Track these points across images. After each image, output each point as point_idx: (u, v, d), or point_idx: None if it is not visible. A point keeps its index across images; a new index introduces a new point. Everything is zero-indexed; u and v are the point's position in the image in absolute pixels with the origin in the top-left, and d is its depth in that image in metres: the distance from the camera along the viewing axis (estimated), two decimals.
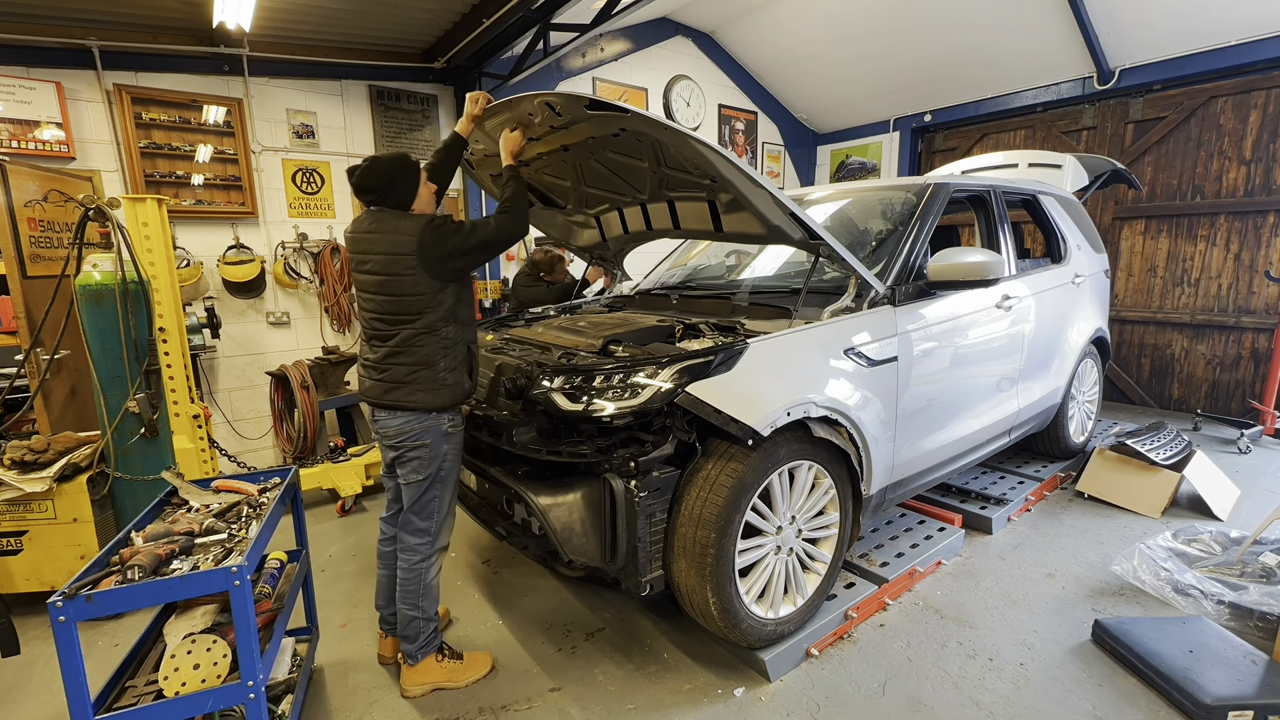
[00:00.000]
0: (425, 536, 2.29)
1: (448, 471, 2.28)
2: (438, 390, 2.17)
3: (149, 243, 3.23)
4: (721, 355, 2.15)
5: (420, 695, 2.31)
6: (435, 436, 2.21)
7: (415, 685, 2.31)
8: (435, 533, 2.31)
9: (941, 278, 2.70)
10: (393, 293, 2.11)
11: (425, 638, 2.32)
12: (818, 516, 2.44)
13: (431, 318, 2.13)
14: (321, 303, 5.30)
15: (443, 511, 2.31)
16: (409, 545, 2.29)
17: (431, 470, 2.23)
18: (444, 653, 2.38)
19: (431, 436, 2.20)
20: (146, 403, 2.95)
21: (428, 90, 5.64)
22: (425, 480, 2.23)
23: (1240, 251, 5.37)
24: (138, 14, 4.18)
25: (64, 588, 1.53)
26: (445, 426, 2.23)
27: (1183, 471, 3.62)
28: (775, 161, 8.09)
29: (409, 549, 2.29)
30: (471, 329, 2.29)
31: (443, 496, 2.29)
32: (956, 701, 2.19)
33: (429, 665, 2.33)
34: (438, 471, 2.24)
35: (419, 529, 2.29)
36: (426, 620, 2.32)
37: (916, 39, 6.18)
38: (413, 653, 2.32)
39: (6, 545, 2.83)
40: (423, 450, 2.20)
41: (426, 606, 2.31)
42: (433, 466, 2.22)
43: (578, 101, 2.22)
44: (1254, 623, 2.48)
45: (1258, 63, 4.99)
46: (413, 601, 2.29)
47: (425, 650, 2.33)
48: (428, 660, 2.33)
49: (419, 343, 2.14)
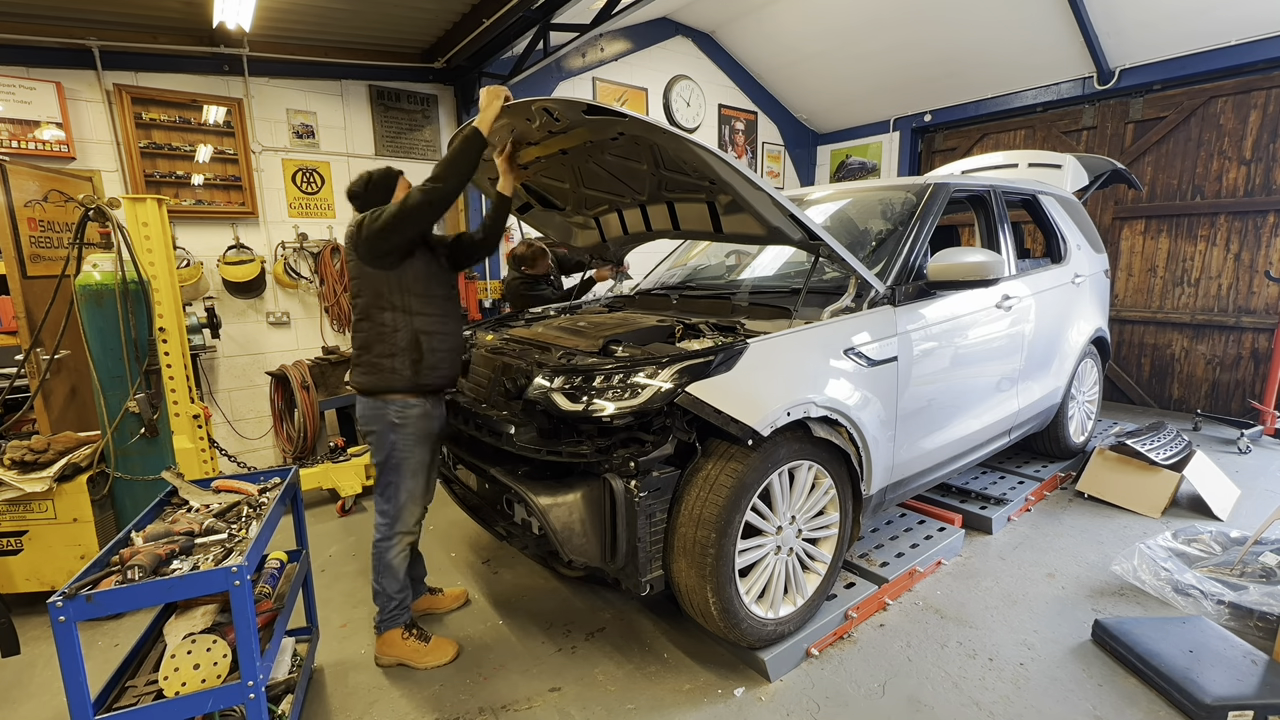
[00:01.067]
0: (385, 518, 2.40)
1: (400, 460, 2.34)
2: (376, 374, 2.27)
3: (149, 243, 3.23)
4: (721, 355, 2.15)
5: (388, 665, 2.46)
6: (381, 425, 2.30)
7: (383, 654, 2.47)
8: (394, 516, 2.39)
9: (941, 278, 2.70)
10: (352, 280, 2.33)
11: (388, 611, 2.45)
12: (818, 516, 2.44)
13: (364, 302, 2.27)
14: (321, 303, 5.30)
15: (399, 498, 2.38)
16: (376, 522, 2.42)
17: (383, 455, 2.33)
18: (411, 632, 2.48)
19: (378, 424, 2.30)
20: (146, 403, 2.95)
21: (428, 90, 5.64)
22: (379, 464, 2.35)
23: (1240, 251, 5.37)
24: (138, 14, 4.18)
25: (64, 588, 1.53)
26: (392, 416, 2.29)
27: (1183, 471, 3.62)
28: (775, 161, 8.09)
29: (376, 525, 2.42)
30: (425, 319, 2.31)
31: (398, 483, 2.36)
32: (956, 701, 2.19)
33: (393, 638, 2.45)
34: (388, 458, 2.33)
35: (381, 509, 2.41)
36: (387, 596, 2.44)
37: (917, 39, 6.18)
38: (378, 622, 2.48)
39: (6, 545, 2.83)
40: (372, 436, 2.33)
41: (387, 584, 2.42)
42: (383, 452, 2.33)
43: (575, 106, 2.21)
44: (1254, 623, 2.48)
45: (1258, 63, 4.99)
46: (376, 575, 2.44)
47: (388, 624, 2.45)
48: (393, 633, 2.45)
49: (360, 328, 2.29)
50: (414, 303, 2.29)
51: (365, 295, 2.28)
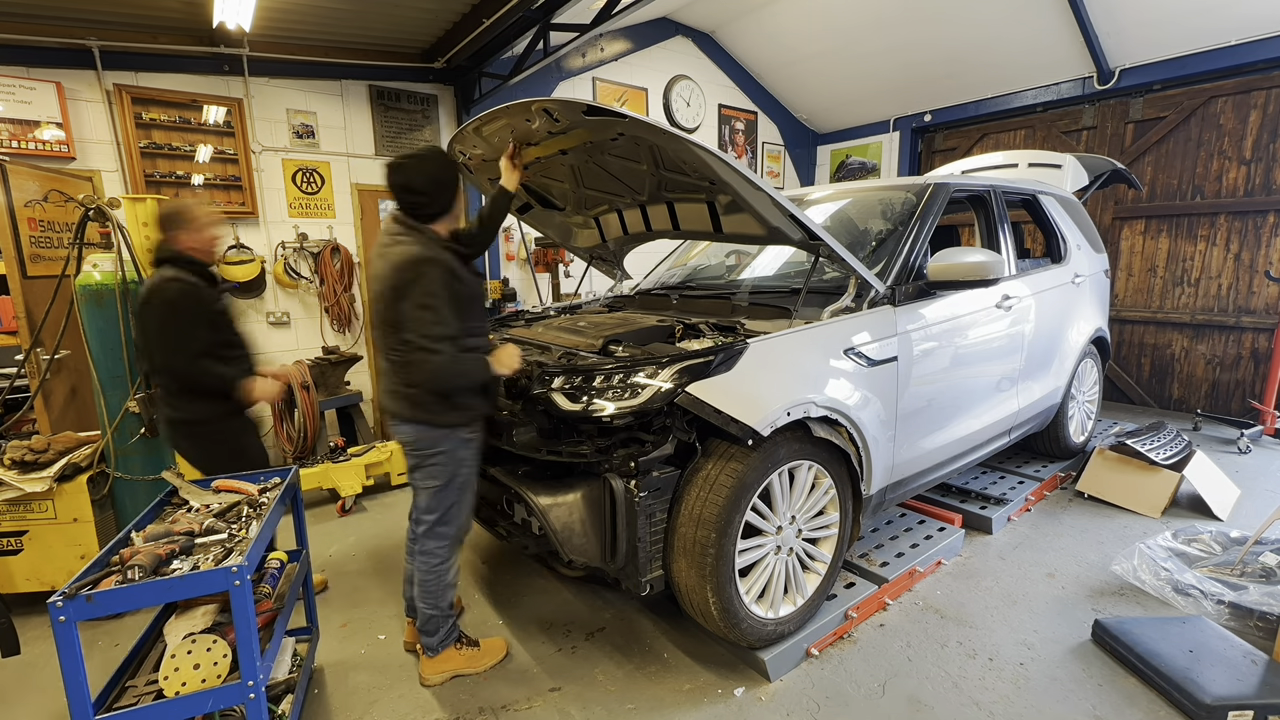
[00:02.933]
0: (444, 540, 2.28)
1: (466, 476, 2.25)
2: (446, 411, 2.14)
3: (149, 243, 3.23)
4: (721, 355, 2.15)
5: (440, 683, 2.37)
6: (452, 444, 2.17)
7: (435, 674, 2.37)
8: (455, 535, 2.30)
9: (941, 278, 2.70)
10: (394, 313, 2.05)
11: (445, 632, 2.37)
12: (818, 516, 2.44)
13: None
14: (321, 303, 5.30)
15: (461, 515, 2.30)
16: (428, 549, 2.28)
17: (448, 476, 2.20)
18: (462, 642, 2.43)
19: (448, 444, 2.17)
20: (146, 403, 2.95)
21: (428, 90, 5.64)
22: (443, 485, 2.20)
23: (1240, 251, 5.37)
24: (138, 14, 4.18)
25: (64, 588, 1.53)
26: (463, 434, 2.19)
27: (1183, 471, 3.62)
28: (775, 161, 8.09)
29: (428, 553, 2.28)
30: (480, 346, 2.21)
31: (461, 501, 2.27)
32: (956, 701, 2.19)
33: (449, 654, 2.39)
34: (454, 478, 2.21)
35: (438, 534, 2.27)
36: (444, 617, 2.35)
37: (917, 39, 6.18)
38: (434, 646, 2.37)
39: (7, 545, 2.83)
40: (440, 456, 2.17)
41: (445, 605, 2.34)
42: (448, 473, 2.19)
43: (575, 107, 2.21)
44: (1254, 623, 2.48)
45: (1258, 63, 4.99)
46: (432, 601, 2.31)
47: (445, 643, 2.38)
48: (448, 650, 2.39)
49: (415, 360, 2.05)
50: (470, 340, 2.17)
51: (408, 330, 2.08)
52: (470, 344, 2.15)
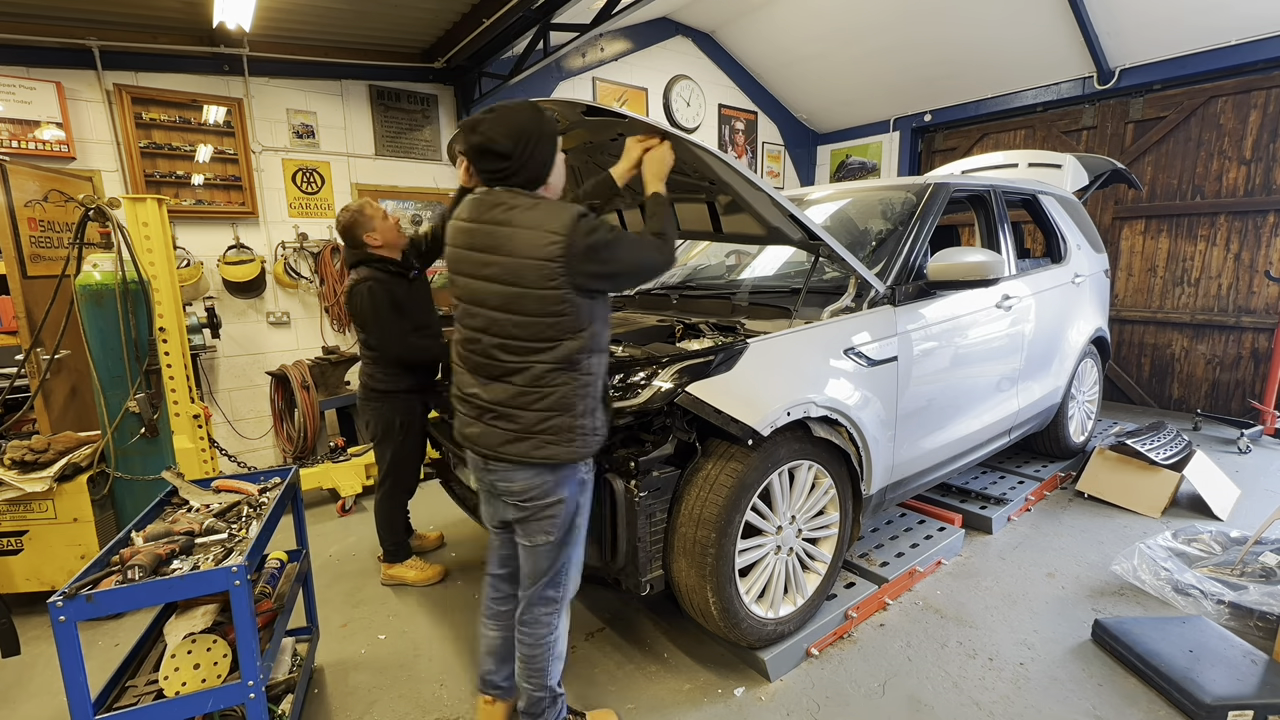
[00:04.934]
0: (554, 605, 1.85)
1: (580, 525, 1.83)
2: (574, 441, 1.68)
3: (149, 243, 3.23)
4: (721, 355, 2.15)
5: None
6: (572, 489, 1.74)
7: None
8: (563, 598, 1.87)
9: (941, 277, 2.70)
10: (528, 312, 1.59)
11: (554, 713, 1.93)
12: (818, 516, 2.44)
13: (572, 346, 1.62)
14: (322, 303, 5.30)
15: (572, 572, 1.86)
16: (535, 617, 1.84)
17: (564, 530, 1.76)
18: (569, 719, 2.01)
19: (568, 490, 1.73)
20: (147, 403, 2.95)
21: (428, 90, 5.64)
22: (556, 542, 1.76)
23: (1240, 251, 5.37)
24: (138, 14, 4.18)
25: (64, 588, 1.53)
26: (582, 474, 1.77)
27: (1183, 471, 3.62)
28: (775, 161, 8.09)
29: (535, 621, 1.84)
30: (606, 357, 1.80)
31: (573, 555, 1.84)
32: (956, 701, 2.19)
33: None
34: (570, 529, 1.78)
35: (547, 598, 1.83)
36: (555, 696, 1.91)
37: (917, 39, 6.18)
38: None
39: (7, 545, 2.83)
40: (557, 508, 1.73)
41: (554, 683, 1.90)
42: (564, 524, 1.76)
43: (574, 107, 2.21)
44: (1254, 623, 2.48)
45: (1258, 63, 4.99)
46: (539, 681, 1.86)
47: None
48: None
49: (554, 381, 1.62)
50: (607, 337, 1.77)
51: (568, 337, 1.62)
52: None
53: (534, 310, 1.59)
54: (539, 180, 1.68)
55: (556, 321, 1.59)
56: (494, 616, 2.04)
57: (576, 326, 1.61)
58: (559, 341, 1.61)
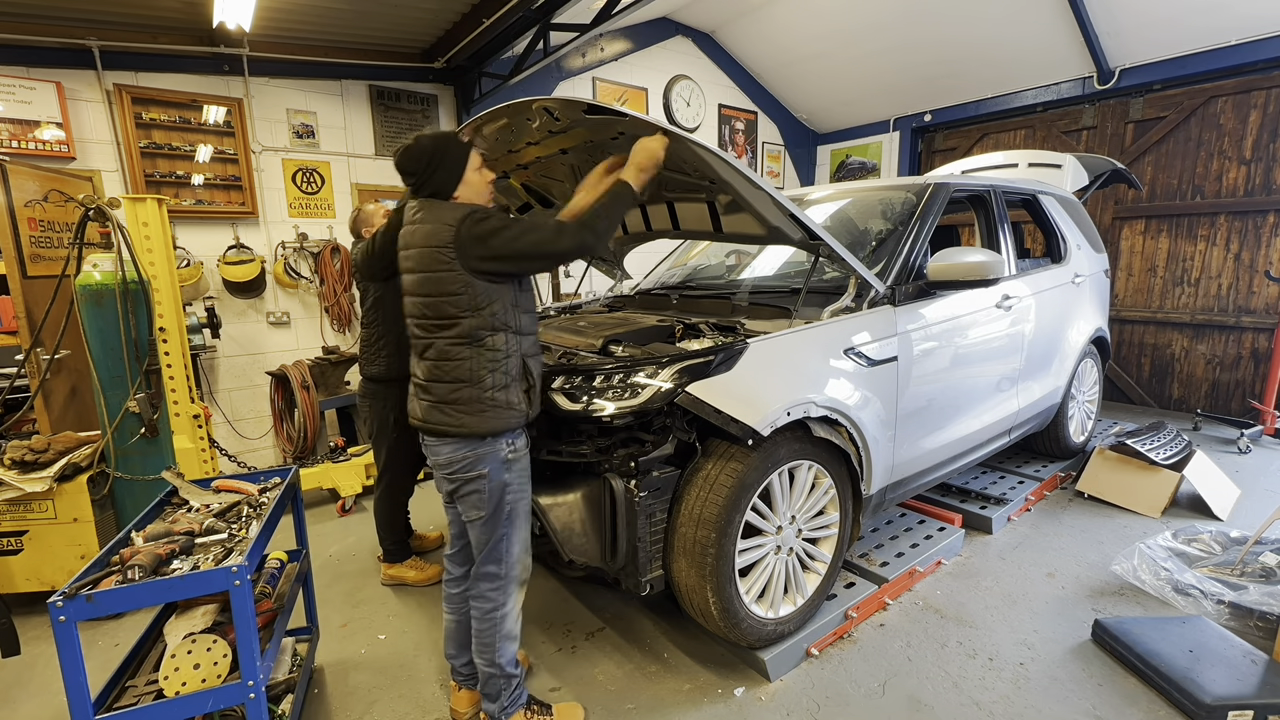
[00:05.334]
0: (496, 581, 1.96)
1: (514, 503, 1.94)
2: (484, 413, 1.84)
3: (149, 243, 3.23)
4: (721, 355, 2.15)
5: None
6: (493, 464, 1.88)
7: None
8: (508, 575, 1.97)
9: (941, 277, 2.70)
10: (430, 293, 1.82)
11: (509, 695, 2.02)
12: (818, 516, 2.44)
13: (471, 323, 1.81)
14: (322, 303, 5.30)
15: (514, 551, 1.97)
16: (479, 592, 1.98)
17: (493, 505, 1.90)
18: (532, 709, 2.08)
19: (488, 465, 1.87)
20: (147, 403, 2.95)
21: (428, 90, 5.64)
22: (488, 517, 1.91)
23: (1240, 251, 5.37)
24: (138, 14, 4.18)
25: (64, 588, 1.53)
26: (505, 453, 1.90)
27: (1183, 471, 3.62)
28: (775, 161, 8.09)
29: (480, 596, 1.98)
30: (531, 339, 1.95)
31: (511, 534, 1.95)
32: (956, 701, 2.19)
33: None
34: (499, 506, 1.91)
35: (488, 574, 1.96)
36: (507, 677, 2.01)
37: (917, 39, 6.18)
38: (495, 713, 2.02)
39: (7, 545, 2.83)
40: (480, 482, 1.88)
41: (505, 661, 1.99)
42: (494, 501, 1.89)
43: (575, 106, 2.21)
44: (1254, 623, 2.48)
45: (1258, 63, 4.99)
46: (489, 656, 1.98)
47: (510, 709, 2.03)
48: (515, 717, 2.05)
49: (458, 355, 1.82)
50: (524, 320, 1.91)
51: (468, 315, 1.80)
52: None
53: (435, 291, 1.83)
54: (445, 192, 1.92)
55: (454, 299, 1.81)
56: (448, 600, 2.18)
57: (474, 305, 1.81)
58: (458, 319, 1.82)
